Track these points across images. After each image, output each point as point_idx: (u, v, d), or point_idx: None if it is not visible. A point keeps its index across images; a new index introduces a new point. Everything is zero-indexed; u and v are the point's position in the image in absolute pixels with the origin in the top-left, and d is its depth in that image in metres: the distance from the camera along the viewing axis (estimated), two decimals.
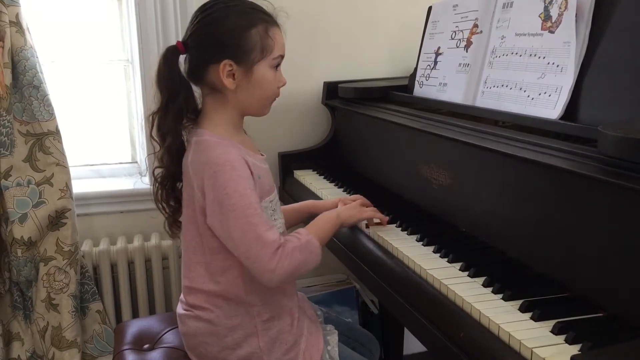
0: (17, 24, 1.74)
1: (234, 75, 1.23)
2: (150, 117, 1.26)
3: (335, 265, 2.06)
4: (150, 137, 1.27)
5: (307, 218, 1.55)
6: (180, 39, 1.27)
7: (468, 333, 0.98)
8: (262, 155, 1.32)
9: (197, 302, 1.27)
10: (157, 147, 1.27)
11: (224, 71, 1.22)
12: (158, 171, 1.30)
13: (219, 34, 1.22)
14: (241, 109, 1.28)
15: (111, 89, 2.14)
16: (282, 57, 1.28)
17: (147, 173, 1.98)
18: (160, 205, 1.33)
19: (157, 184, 1.31)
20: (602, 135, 0.94)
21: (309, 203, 1.56)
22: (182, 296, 1.33)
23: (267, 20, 1.25)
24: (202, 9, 1.25)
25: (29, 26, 1.79)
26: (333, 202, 1.50)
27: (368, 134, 1.84)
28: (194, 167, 1.22)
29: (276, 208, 1.32)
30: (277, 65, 1.27)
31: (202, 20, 1.24)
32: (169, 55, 1.24)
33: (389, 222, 1.42)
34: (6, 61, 1.72)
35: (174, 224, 1.35)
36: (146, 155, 1.94)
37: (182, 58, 1.26)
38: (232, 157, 1.19)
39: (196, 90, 1.29)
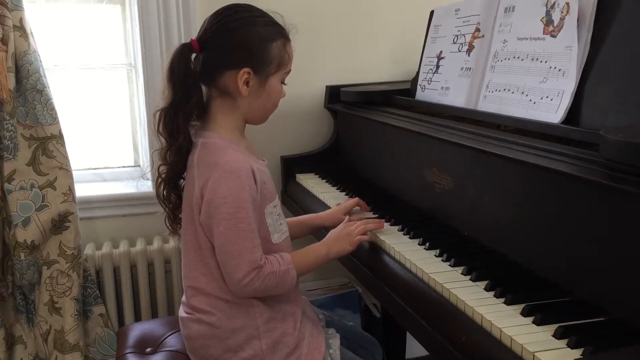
0: (21, 28, 1.74)
1: (248, 83, 1.24)
2: (158, 113, 1.25)
3: (338, 268, 2.06)
4: (157, 133, 1.26)
5: (309, 231, 1.55)
6: (183, 42, 1.26)
7: (470, 337, 0.98)
8: (263, 160, 1.33)
9: (199, 304, 1.28)
10: (163, 142, 1.26)
11: (242, 78, 1.23)
12: (162, 168, 1.30)
13: (244, 42, 1.23)
14: (246, 115, 1.30)
15: (114, 93, 2.14)
16: (290, 71, 1.31)
17: (150, 170, 1.98)
18: (161, 201, 1.33)
19: (159, 180, 1.31)
20: (604, 139, 0.94)
21: (311, 217, 1.56)
22: (184, 298, 1.33)
23: (285, 35, 1.28)
24: (226, 13, 1.24)
25: (32, 30, 1.80)
26: (332, 215, 1.52)
27: (370, 137, 1.84)
28: (200, 168, 1.22)
29: (280, 213, 1.33)
30: (285, 79, 1.31)
31: (226, 25, 1.23)
32: (184, 53, 1.23)
33: (392, 225, 1.43)
34: (10, 65, 1.72)
35: (174, 220, 1.35)
36: (150, 154, 1.95)
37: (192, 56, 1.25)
38: (241, 165, 1.20)
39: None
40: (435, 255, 1.24)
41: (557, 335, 0.90)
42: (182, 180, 1.31)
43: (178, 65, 1.22)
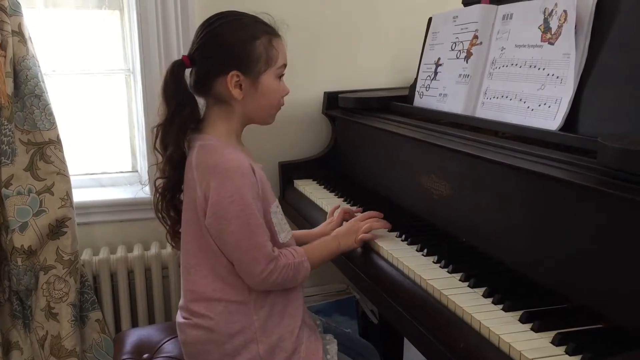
0: (19, 33, 1.75)
1: (241, 85, 1.25)
2: (155, 129, 1.28)
3: (335, 275, 2.06)
4: (154, 148, 1.29)
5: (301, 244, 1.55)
6: (182, 49, 1.29)
7: (468, 344, 0.98)
8: (259, 164, 1.33)
9: (197, 308, 1.28)
10: (160, 158, 1.29)
11: (232, 82, 1.24)
12: (159, 182, 1.32)
13: (226, 46, 1.25)
14: (247, 118, 1.31)
15: (112, 98, 2.15)
16: (285, 66, 1.31)
17: (148, 183, 1.98)
18: (160, 216, 1.34)
19: (157, 195, 1.32)
20: (602, 146, 0.95)
21: (304, 233, 1.55)
22: (181, 303, 1.33)
23: (270, 31, 1.28)
24: (207, 24, 1.28)
25: (31, 36, 1.80)
26: (323, 233, 1.51)
27: (368, 144, 1.84)
28: (200, 169, 1.23)
29: (282, 213, 1.34)
30: (281, 75, 1.31)
31: (208, 34, 1.26)
32: (176, 69, 1.27)
33: (390, 232, 1.43)
34: (8, 70, 1.73)
35: (175, 235, 1.36)
36: (148, 166, 1.96)
37: (187, 71, 1.28)
38: (242, 164, 1.22)
39: (199, 101, 1.31)
40: (433, 262, 1.24)
41: (556, 342, 0.90)
42: (179, 194, 1.31)
43: (170, 81, 1.26)
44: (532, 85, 1.30)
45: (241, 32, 1.26)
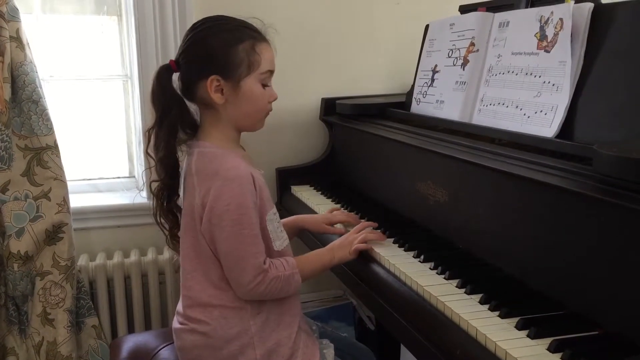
0: (17, 39, 1.75)
1: (222, 90, 1.25)
2: (147, 133, 1.28)
3: (332, 280, 2.06)
4: (146, 153, 1.30)
5: (297, 233, 1.57)
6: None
7: (464, 350, 0.98)
8: (259, 170, 1.34)
9: (193, 314, 1.28)
10: (152, 162, 1.29)
11: (212, 86, 1.24)
12: (155, 185, 1.32)
13: (206, 50, 1.25)
14: (234, 123, 1.30)
15: (110, 104, 2.15)
16: (271, 72, 1.29)
17: (145, 188, 1.98)
18: (158, 220, 1.34)
19: (154, 199, 1.33)
20: (598, 154, 0.95)
21: (296, 219, 1.58)
22: (178, 308, 1.33)
23: (255, 36, 1.27)
24: (192, 28, 1.29)
25: (29, 41, 1.80)
26: (317, 222, 1.56)
27: (365, 150, 1.85)
28: (201, 176, 1.24)
29: (279, 220, 1.34)
30: (267, 81, 1.29)
31: (191, 38, 1.27)
32: (162, 74, 1.27)
33: (387, 238, 1.43)
34: (6, 76, 1.73)
35: (173, 239, 1.36)
36: (143, 170, 1.96)
37: (175, 76, 1.28)
38: (243, 172, 1.22)
39: (193, 107, 1.31)
40: (430, 268, 1.24)
41: (552, 348, 0.90)
42: (176, 198, 1.32)
43: (157, 86, 1.26)
44: (528, 93, 1.30)
45: (223, 36, 1.25)
